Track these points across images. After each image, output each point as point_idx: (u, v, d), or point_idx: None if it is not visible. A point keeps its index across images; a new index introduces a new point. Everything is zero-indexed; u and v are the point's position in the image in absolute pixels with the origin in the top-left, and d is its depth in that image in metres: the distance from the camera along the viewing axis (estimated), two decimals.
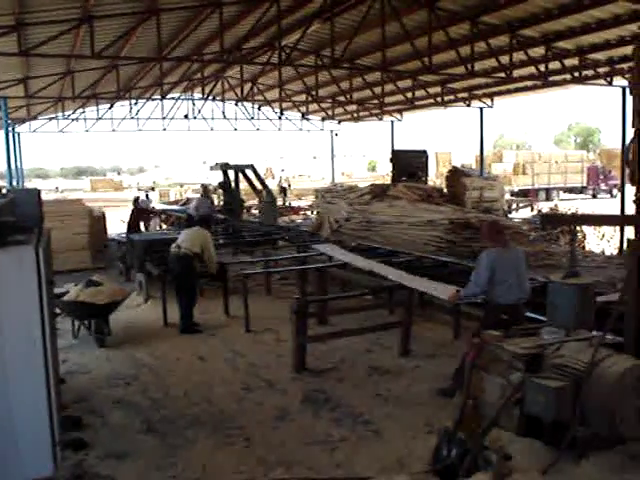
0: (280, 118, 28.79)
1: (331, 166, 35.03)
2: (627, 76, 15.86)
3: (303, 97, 24.38)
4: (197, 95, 26.32)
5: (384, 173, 43.94)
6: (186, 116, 27.08)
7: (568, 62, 16.20)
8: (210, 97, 23.51)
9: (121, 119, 27.53)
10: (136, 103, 26.33)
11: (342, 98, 23.27)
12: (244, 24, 14.79)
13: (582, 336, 4.32)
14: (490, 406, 4.29)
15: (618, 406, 3.80)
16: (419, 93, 21.55)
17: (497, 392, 4.29)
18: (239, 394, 6.54)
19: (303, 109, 27.91)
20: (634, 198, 4.21)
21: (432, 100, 22.55)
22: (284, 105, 26.57)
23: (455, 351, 6.96)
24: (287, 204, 32.28)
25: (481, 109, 22.73)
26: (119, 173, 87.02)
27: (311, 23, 13.64)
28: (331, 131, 33.03)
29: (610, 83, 17.15)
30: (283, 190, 36.21)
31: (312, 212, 26.46)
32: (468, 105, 22.59)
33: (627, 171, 4.29)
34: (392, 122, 28.50)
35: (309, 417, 5.95)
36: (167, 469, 4.96)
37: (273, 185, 34.75)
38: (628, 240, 4.27)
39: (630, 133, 4.33)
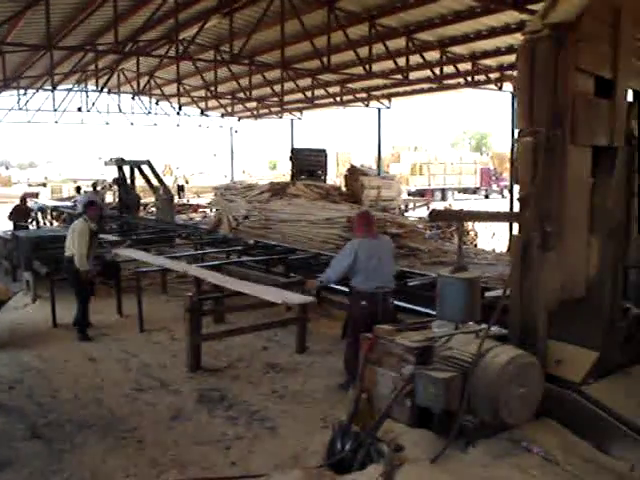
0: (179, 114, 28.28)
1: (231, 164, 34.74)
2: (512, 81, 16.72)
3: (202, 93, 24.03)
4: (91, 87, 25.35)
5: (285, 172, 44.05)
6: (79, 109, 26.00)
7: (462, 67, 16.89)
8: (105, 90, 22.71)
9: (8, 110, 26.10)
10: (25, 93, 25.03)
11: (242, 95, 23.14)
12: (140, 15, 14.40)
13: (470, 329, 4.47)
14: (383, 399, 4.35)
15: (502, 394, 3.95)
16: (319, 92, 21.79)
17: (389, 385, 4.36)
18: (131, 395, 6.34)
19: (202, 105, 27.52)
20: (518, 197, 4.41)
21: (332, 99, 22.87)
22: (183, 100, 26.10)
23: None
24: (185, 201, 31.71)
25: (379, 110, 23.25)
26: (7, 167, 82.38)
27: (209, 17, 13.45)
28: (231, 128, 32.77)
29: (500, 88, 18.00)
30: (180, 187, 35.56)
31: (211, 210, 26.14)
32: (367, 105, 23.06)
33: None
34: (292, 120, 28.65)
35: (204, 416, 5.86)
36: (53, 477, 4.72)
37: (171, 182, 34.03)
38: (512, 237, 4.45)
39: None
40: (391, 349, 4.39)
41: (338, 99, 22.60)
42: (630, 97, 4.79)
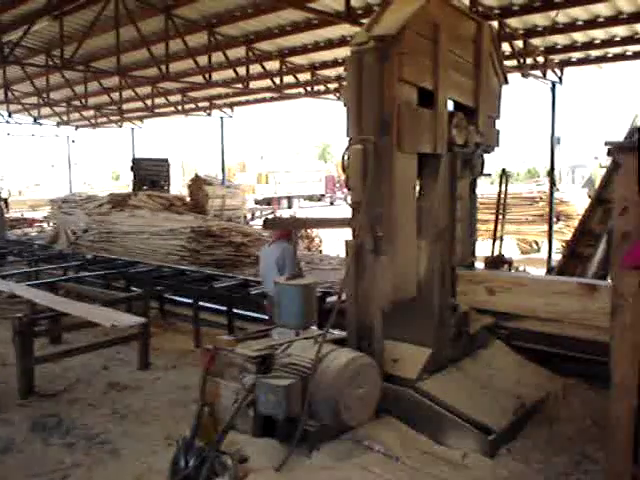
0: (8, 122, 26.31)
1: (69, 174, 32.93)
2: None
3: (34, 100, 22.54)
4: None
5: (128, 182, 42.49)
6: None
7: (302, 76, 17.18)
8: None
9: None
10: None
11: (78, 103, 22.00)
12: None
13: (308, 334, 4.53)
14: (226, 411, 4.28)
15: (341, 397, 4.03)
16: (159, 100, 21.25)
17: (232, 396, 4.30)
18: None
19: (35, 113, 25.84)
20: (350, 203, 4.54)
21: (173, 108, 22.37)
22: (13, 107, 24.34)
23: (196, 360, 6.89)
24: (20, 215, 29.54)
25: (222, 118, 23.09)
26: None
27: (35, 19, 12.64)
28: (68, 137, 31.05)
29: (339, 98, 18.53)
30: (4, 200, 32.98)
31: (48, 224, 24.58)
32: (209, 114, 22.79)
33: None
34: (133, 129, 27.70)
35: (38, 446, 5.43)
36: None
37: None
38: (345, 242, 4.57)
39: None
40: (232, 360, 4.35)
41: (180, 108, 22.20)
42: (451, 107, 5.11)
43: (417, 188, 4.87)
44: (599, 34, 12.55)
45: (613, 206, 3.34)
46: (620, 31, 12.30)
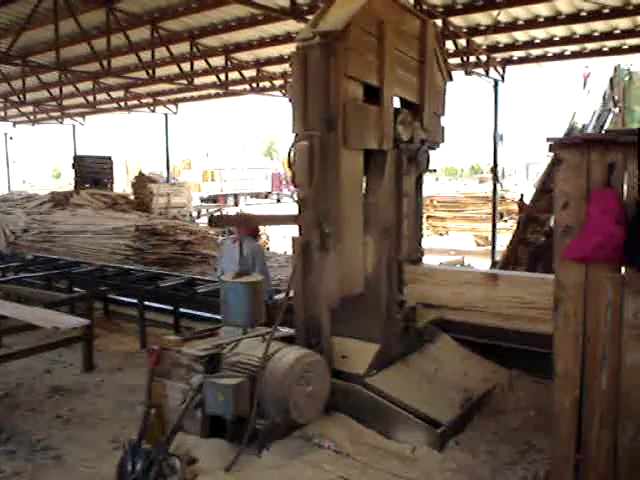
0: None
1: (7, 173, 31.89)
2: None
3: None
4: None
5: (70, 180, 41.45)
6: None
7: (247, 73, 17.04)
8: None
9: None
10: None
11: (15, 98, 21.29)
12: None
13: (256, 333, 4.49)
14: (174, 412, 4.21)
15: (290, 395, 4.01)
16: (101, 96, 20.76)
17: (179, 397, 4.24)
18: None
19: None
20: (297, 199, 4.52)
21: (116, 104, 21.90)
22: None
23: (143, 360, 6.75)
24: None
25: (166, 115, 22.73)
26: None
27: None
28: (5, 134, 30.06)
29: (285, 95, 18.47)
30: None
31: None
32: (153, 111, 22.40)
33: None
34: (74, 126, 26.99)
35: None
36: None
37: None
38: (293, 238, 4.54)
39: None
40: (179, 360, 4.28)
41: (122, 104, 21.74)
42: (396, 104, 5.14)
43: (364, 184, 4.88)
44: (539, 34, 12.88)
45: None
46: (559, 31, 12.64)
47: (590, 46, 13.40)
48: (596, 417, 3.31)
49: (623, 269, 3.21)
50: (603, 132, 11.91)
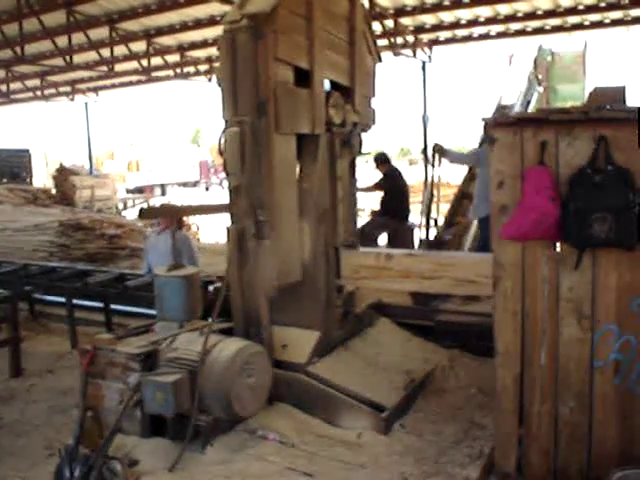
0: None
1: None
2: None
3: None
4: None
5: None
6: None
7: (170, 58, 16.63)
8: None
9: None
10: None
11: None
12: None
13: (193, 327, 4.36)
14: (111, 413, 4.06)
15: (232, 388, 3.92)
16: (15, 85, 19.86)
17: (116, 397, 4.09)
18: None
19: None
20: (229, 187, 4.40)
21: (31, 93, 21.01)
22: None
23: (74, 361, 6.49)
24: None
25: (86, 104, 21.99)
26: None
27: None
28: None
29: (210, 80, 18.15)
30: None
31: None
32: (72, 99, 21.62)
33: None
34: None
35: None
36: None
37: None
38: (227, 228, 4.43)
39: None
40: (113, 359, 4.12)
41: (39, 93, 20.85)
42: (328, 86, 5.06)
43: (297, 170, 4.80)
44: (465, 14, 13.07)
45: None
46: (484, 12, 12.86)
47: (514, 26, 13.72)
48: (537, 391, 3.37)
49: (558, 246, 3.27)
50: (530, 111, 12.26)
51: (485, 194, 8.33)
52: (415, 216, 10.03)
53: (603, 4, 12.19)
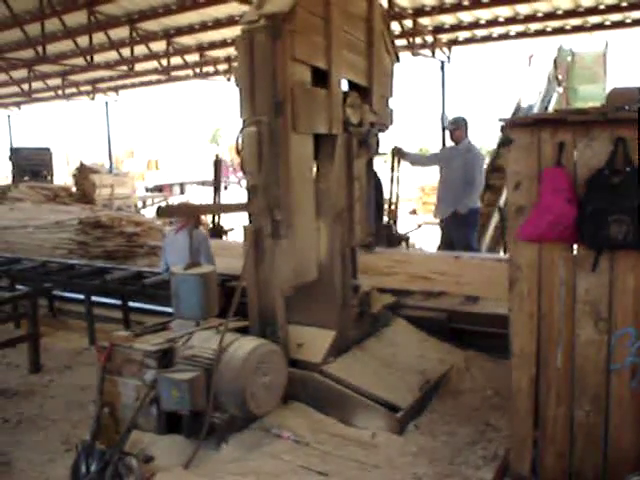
0: None
1: None
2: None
3: None
4: None
5: (6, 173, 40.09)
6: None
7: (190, 58, 16.73)
8: None
9: None
10: None
11: None
12: None
13: (209, 325, 4.39)
14: (128, 410, 4.10)
15: (247, 386, 3.93)
16: (37, 85, 20.08)
17: (132, 394, 4.12)
18: None
19: None
20: (247, 187, 4.42)
21: (53, 93, 21.24)
22: None
23: (92, 358, 6.57)
24: None
25: (107, 103, 22.19)
26: None
27: None
28: None
29: (229, 79, 18.22)
30: None
31: None
32: (92, 99, 21.82)
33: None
34: (9, 116, 26.12)
35: None
36: None
37: None
38: (244, 227, 4.45)
39: None
40: (130, 355, 4.15)
41: (60, 92, 21.06)
42: (345, 87, 5.07)
43: (314, 169, 4.81)
44: (484, 14, 13.00)
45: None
46: (503, 12, 12.79)
47: (534, 26, 13.62)
48: (553, 394, 3.35)
49: (575, 247, 3.25)
50: (549, 112, 12.20)
51: (445, 195, 8.45)
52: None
53: (624, 4, 12.07)
